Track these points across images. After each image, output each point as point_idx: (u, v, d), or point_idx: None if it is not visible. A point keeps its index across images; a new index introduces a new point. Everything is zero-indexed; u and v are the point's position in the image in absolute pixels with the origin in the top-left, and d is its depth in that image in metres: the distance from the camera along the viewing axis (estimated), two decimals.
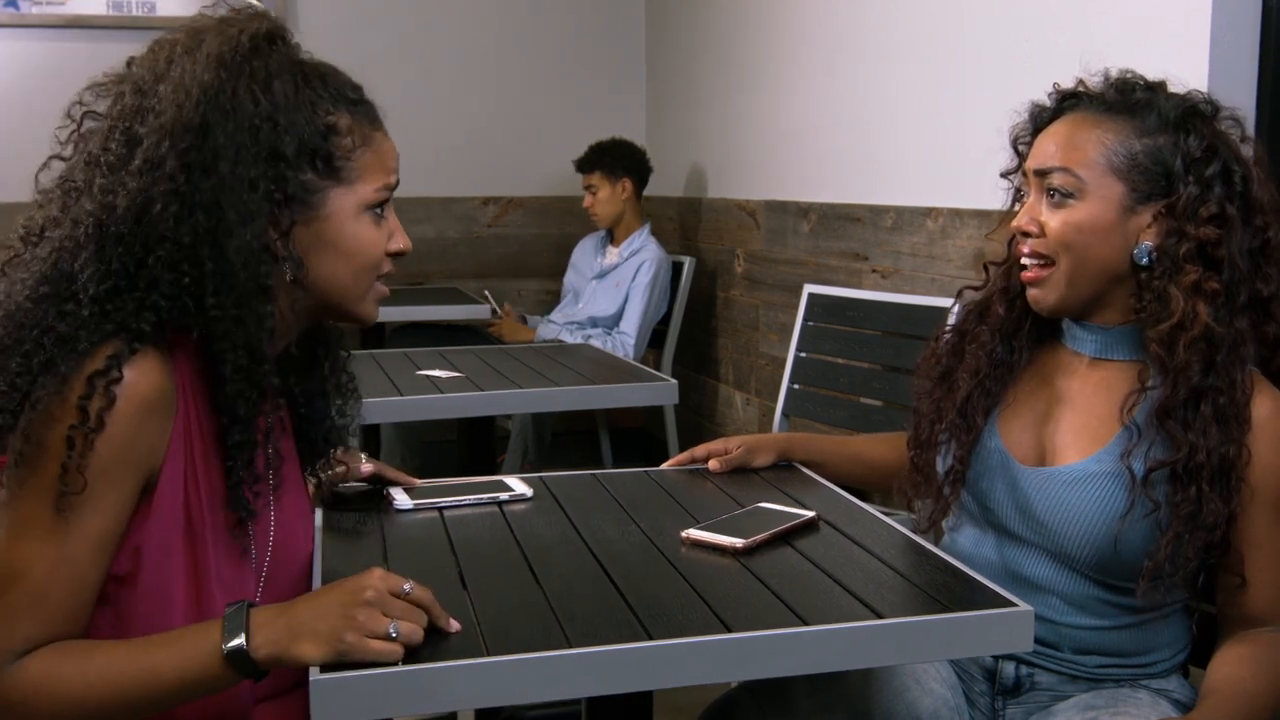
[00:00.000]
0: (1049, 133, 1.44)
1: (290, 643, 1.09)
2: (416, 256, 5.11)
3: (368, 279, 1.31)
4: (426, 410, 2.44)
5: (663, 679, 1.10)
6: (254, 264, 1.18)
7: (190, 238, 1.16)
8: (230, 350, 1.18)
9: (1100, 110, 1.42)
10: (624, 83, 5.03)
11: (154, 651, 1.13)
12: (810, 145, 3.50)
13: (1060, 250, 1.40)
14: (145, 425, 1.15)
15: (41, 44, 4.36)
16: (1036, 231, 1.42)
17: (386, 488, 1.62)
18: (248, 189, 1.17)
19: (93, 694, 1.12)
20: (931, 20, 2.85)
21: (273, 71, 1.21)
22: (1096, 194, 1.38)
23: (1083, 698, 1.44)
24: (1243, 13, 2.02)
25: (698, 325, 4.38)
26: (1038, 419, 1.49)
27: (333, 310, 1.32)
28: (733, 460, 1.65)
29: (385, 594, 1.10)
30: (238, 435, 1.21)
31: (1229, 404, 1.34)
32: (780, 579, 1.28)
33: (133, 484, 1.16)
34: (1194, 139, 1.38)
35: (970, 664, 1.53)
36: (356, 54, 5.03)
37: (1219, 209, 1.36)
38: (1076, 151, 1.39)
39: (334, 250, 1.26)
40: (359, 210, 1.28)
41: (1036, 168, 1.42)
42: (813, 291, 3.10)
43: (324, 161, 1.24)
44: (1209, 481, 1.33)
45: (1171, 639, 1.47)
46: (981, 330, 1.54)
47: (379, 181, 1.29)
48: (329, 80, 1.27)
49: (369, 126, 1.30)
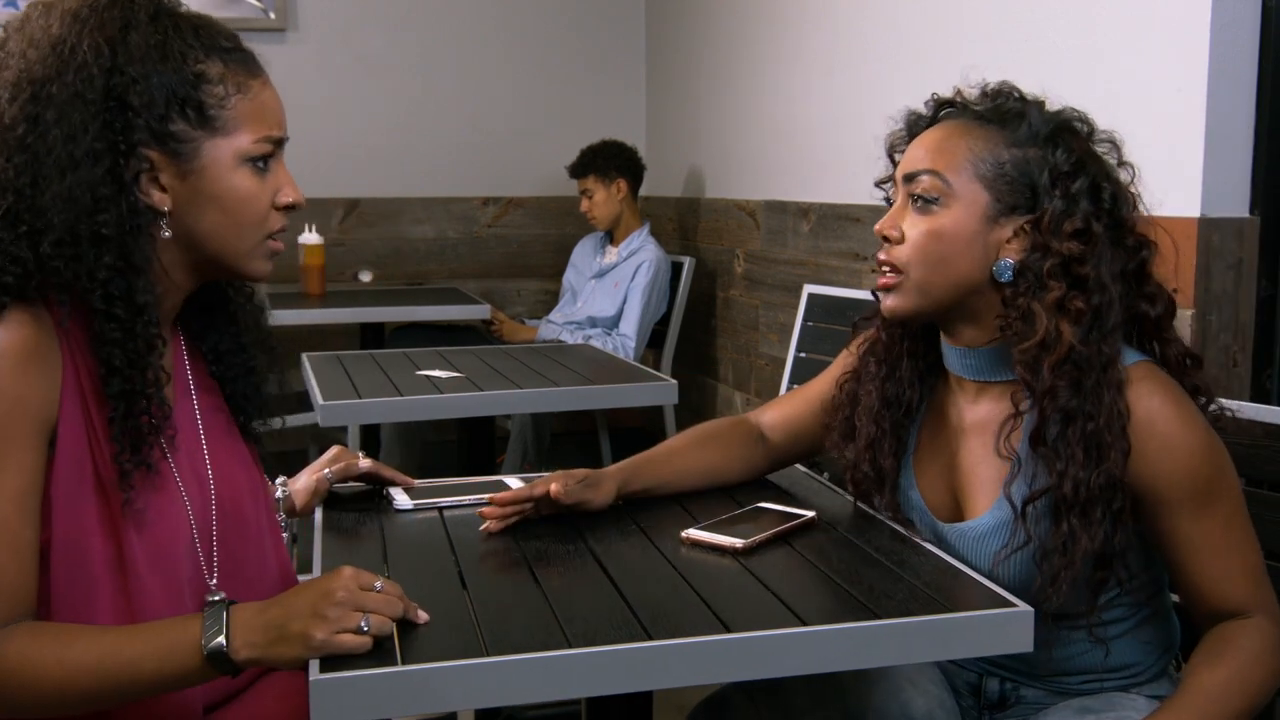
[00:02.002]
0: (921, 139, 1.42)
1: (267, 645, 1.10)
2: (416, 256, 5.13)
3: (253, 235, 1.28)
4: (426, 410, 2.44)
5: (662, 679, 1.10)
6: (80, 212, 1.17)
7: (28, 189, 1.16)
8: (100, 301, 1.18)
9: (972, 119, 1.40)
10: (624, 83, 5.03)
11: (134, 643, 1.13)
12: (810, 145, 3.50)
13: (916, 257, 1.37)
14: (27, 379, 1.15)
15: None
16: (897, 237, 1.39)
17: (386, 488, 1.62)
18: (73, 137, 1.16)
19: (71, 681, 1.12)
20: (931, 20, 2.85)
21: (130, 23, 1.20)
22: (961, 200, 1.36)
23: (1075, 701, 1.43)
24: (1242, 12, 2.02)
25: (697, 325, 4.38)
26: (946, 465, 1.47)
27: (221, 267, 1.30)
28: (573, 492, 1.47)
29: (357, 591, 1.11)
30: (117, 385, 1.19)
31: (1099, 429, 1.29)
32: (780, 579, 1.28)
33: (34, 440, 1.16)
34: (1062, 153, 1.35)
35: (955, 678, 1.52)
36: (356, 54, 5.01)
37: (1084, 224, 1.33)
38: (944, 156, 1.37)
39: (214, 204, 1.25)
40: (236, 161, 1.25)
41: (905, 172, 1.40)
42: (813, 291, 3.10)
43: (195, 110, 1.22)
44: (1078, 513, 1.30)
45: (1153, 645, 1.45)
46: (869, 362, 1.52)
47: (258, 132, 1.26)
48: (201, 31, 1.25)
49: (244, 75, 1.26)
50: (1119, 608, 1.41)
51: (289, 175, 1.31)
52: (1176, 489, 1.31)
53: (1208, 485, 1.32)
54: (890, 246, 1.40)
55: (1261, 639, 1.32)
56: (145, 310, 1.20)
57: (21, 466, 1.14)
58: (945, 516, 1.46)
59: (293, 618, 1.10)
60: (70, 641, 1.13)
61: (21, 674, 1.11)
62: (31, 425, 1.15)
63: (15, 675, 1.11)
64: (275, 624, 1.11)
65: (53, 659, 1.12)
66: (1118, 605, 1.41)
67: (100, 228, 1.17)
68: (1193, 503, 1.32)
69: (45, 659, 1.12)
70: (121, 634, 1.15)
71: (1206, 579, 1.33)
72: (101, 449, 1.20)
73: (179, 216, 1.24)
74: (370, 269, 4.65)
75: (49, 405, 1.17)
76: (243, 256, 1.28)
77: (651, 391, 2.56)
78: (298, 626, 1.09)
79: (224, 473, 1.34)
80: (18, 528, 1.14)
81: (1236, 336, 2.07)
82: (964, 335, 1.42)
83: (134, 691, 1.14)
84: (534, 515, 1.49)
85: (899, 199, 1.42)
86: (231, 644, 1.11)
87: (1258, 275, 2.07)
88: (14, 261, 1.16)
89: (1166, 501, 1.32)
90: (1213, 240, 2.03)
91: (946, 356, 1.46)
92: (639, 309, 4.01)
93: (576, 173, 4.19)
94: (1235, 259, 2.05)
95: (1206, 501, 1.32)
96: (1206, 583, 1.33)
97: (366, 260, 4.71)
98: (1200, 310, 2.04)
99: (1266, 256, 2.07)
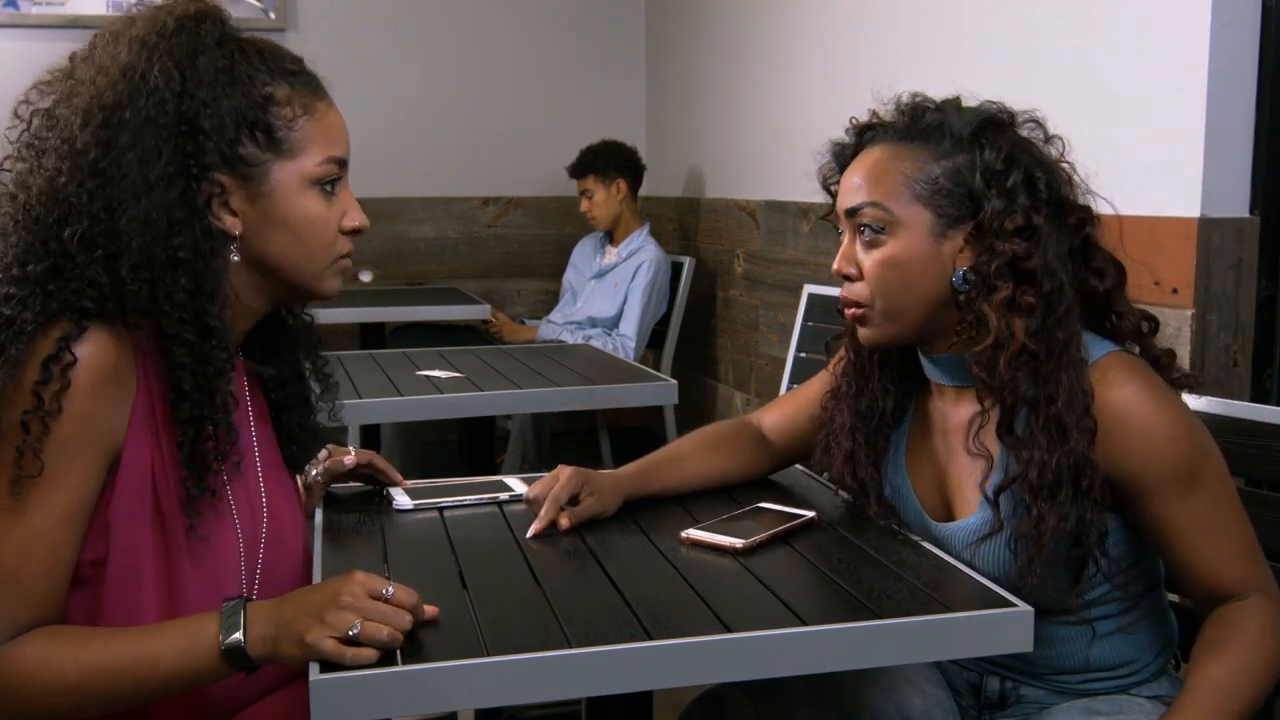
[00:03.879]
0: (852, 170, 1.41)
1: (276, 641, 1.11)
2: (416, 256, 5.14)
3: (322, 258, 1.29)
4: (426, 410, 2.44)
5: (662, 679, 1.10)
6: (157, 235, 1.17)
7: (103, 213, 1.16)
8: (173, 324, 1.18)
9: (895, 140, 1.40)
10: (624, 83, 5.03)
11: (152, 642, 1.14)
12: (810, 145, 3.48)
13: (877, 289, 1.38)
14: (100, 400, 1.16)
15: (41, 44, 4.36)
16: (855, 274, 1.40)
17: (386, 488, 1.62)
18: (148, 162, 1.17)
19: (88, 681, 1.12)
20: (932, 21, 2.85)
21: (198, 48, 1.21)
22: (905, 225, 1.36)
23: (1081, 702, 1.43)
24: (1242, 12, 2.02)
25: (697, 325, 4.38)
26: (936, 467, 1.47)
27: (292, 288, 1.31)
28: (582, 513, 1.47)
29: (363, 597, 1.10)
30: (186, 410, 1.20)
31: (1059, 411, 1.30)
32: (780, 579, 1.28)
33: (96, 460, 1.16)
34: (990, 152, 1.35)
35: (955, 678, 1.52)
36: (356, 54, 5.01)
37: (1025, 220, 1.33)
38: (880, 185, 1.37)
39: (283, 227, 1.26)
40: (304, 184, 1.26)
41: (847, 207, 1.40)
42: (813, 292, 3.10)
43: (264, 133, 1.23)
44: (1045, 496, 1.30)
45: (1150, 642, 1.45)
46: (843, 382, 1.53)
47: (323, 153, 1.27)
48: (266, 54, 1.26)
49: (311, 96, 1.27)
50: (1109, 603, 1.41)
51: (354, 199, 1.32)
52: (1159, 475, 1.31)
53: (1190, 469, 1.31)
54: (849, 284, 1.41)
55: (1263, 619, 1.31)
56: (215, 334, 1.21)
57: (77, 486, 1.15)
58: (939, 517, 1.46)
59: (298, 616, 1.11)
60: (87, 643, 1.14)
61: (40, 676, 1.12)
62: (93, 446, 1.16)
63: (34, 678, 1.12)
64: (284, 621, 1.12)
65: (70, 660, 1.13)
66: (1108, 601, 1.40)
67: (176, 251, 1.18)
68: (1177, 487, 1.31)
69: (62, 661, 1.12)
70: (139, 633, 1.15)
71: (1199, 562, 1.33)
72: (166, 477, 1.21)
73: (249, 240, 1.25)
74: (370, 269, 4.65)
75: (116, 430, 1.18)
76: (313, 278, 1.30)
77: (651, 391, 2.56)
78: (300, 626, 1.10)
79: (274, 500, 1.35)
80: (60, 543, 1.15)
81: (1236, 336, 2.07)
82: (936, 345, 1.43)
83: (152, 690, 1.15)
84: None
85: (846, 233, 1.42)
86: (248, 639, 1.12)
87: (1258, 275, 2.07)
88: (91, 285, 1.16)
89: (1150, 488, 1.32)
90: (1213, 240, 2.03)
91: (924, 364, 1.47)
92: (639, 309, 4.01)
93: (576, 173, 4.19)
94: (1235, 259, 2.05)
95: (1191, 485, 1.31)
96: (1200, 565, 1.33)
97: (366, 260, 4.71)
98: (1200, 310, 2.04)
99: (1266, 256, 2.07)
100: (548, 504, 1.45)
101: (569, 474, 1.48)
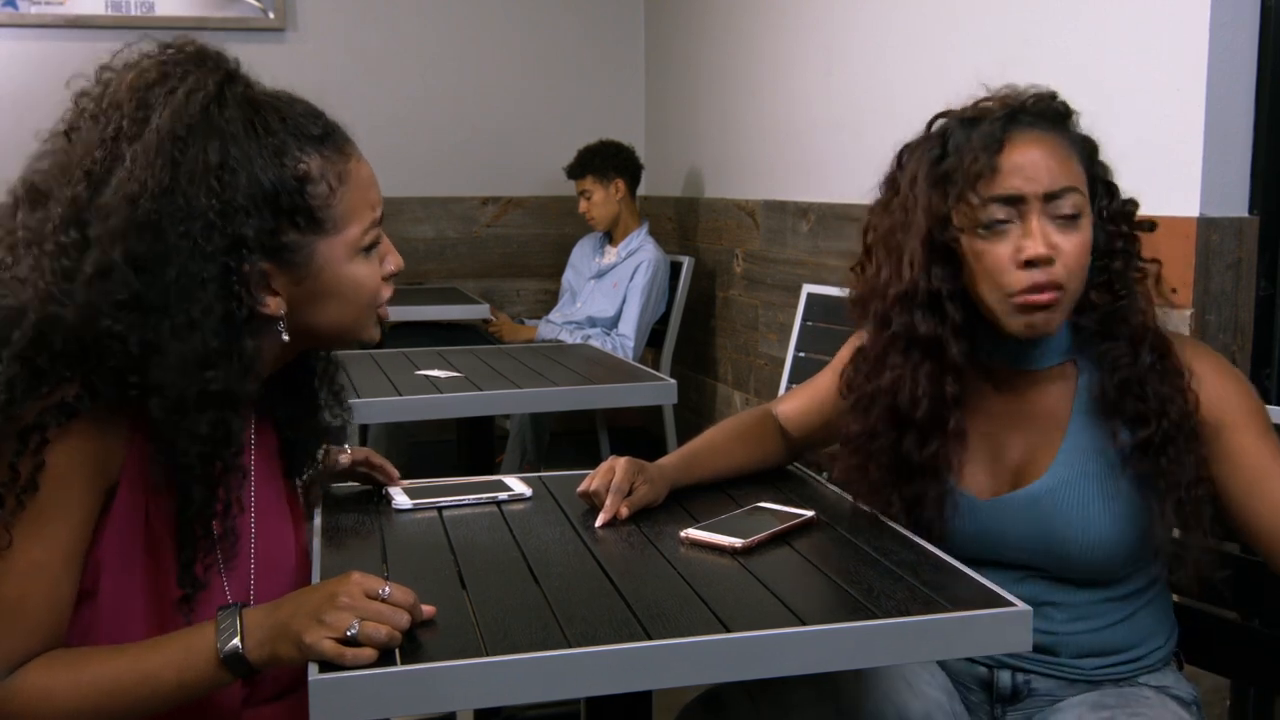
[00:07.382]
0: (1028, 153, 1.38)
1: (274, 643, 1.11)
2: (416, 256, 5.13)
3: (369, 312, 1.29)
4: (426, 410, 2.44)
5: (662, 679, 1.10)
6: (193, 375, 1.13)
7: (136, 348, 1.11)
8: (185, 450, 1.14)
9: (1048, 127, 1.41)
10: (624, 83, 5.03)
11: (150, 657, 1.13)
12: (810, 145, 3.50)
13: (1076, 273, 1.38)
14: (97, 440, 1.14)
15: (41, 44, 4.36)
16: (1059, 257, 1.37)
17: (385, 488, 1.62)
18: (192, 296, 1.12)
19: (89, 702, 1.12)
20: (929, 20, 2.85)
21: (228, 136, 1.14)
22: (1087, 211, 1.39)
23: (1090, 696, 1.44)
24: (1242, 12, 2.02)
25: (697, 325, 4.38)
26: (986, 450, 1.48)
27: (336, 344, 1.32)
28: (638, 501, 1.49)
29: (360, 597, 1.10)
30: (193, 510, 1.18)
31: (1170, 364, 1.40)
32: (779, 579, 1.28)
33: (94, 494, 1.15)
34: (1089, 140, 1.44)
35: (964, 673, 1.52)
36: (356, 54, 5.02)
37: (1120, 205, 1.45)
38: (1071, 171, 1.38)
39: (332, 298, 1.24)
40: (350, 254, 1.24)
41: (1046, 191, 1.37)
42: (812, 291, 3.10)
43: (305, 217, 1.19)
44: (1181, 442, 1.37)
45: (1157, 628, 1.48)
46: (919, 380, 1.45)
47: (365, 220, 1.25)
48: (288, 119, 1.20)
49: (340, 160, 1.23)
50: (1140, 576, 1.46)
51: (389, 243, 1.30)
52: (1238, 410, 1.39)
53: (1259, 406, 1.41)
54: (1048, 268, 1.37)
55: None
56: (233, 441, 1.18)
57: (75, 516, 1.14)
58: (987, 495, 1.47)
59: (296, 617, 1.10)
60: (84, 665, 1.14)
61: (40, 704, 1.12)
62: (91, 476, 1.15)
63: (34, 705, 1.12)
64: (282, 622, 1.11)
65: (68, 683, 1.12)
66: (1140, 575, 1.46)
67: (209, 385, 1.13)
68: (1255, 420, 1.39)
69: (60, 685, 1.12)
70: (136, 650, 1.15)
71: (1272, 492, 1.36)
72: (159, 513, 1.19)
73: (295, 315, 1.22)
74: None
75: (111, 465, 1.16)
76: (358, 332, 1.30)
77: (651, 391, 2.56)
78: (296, 626, 1.09)
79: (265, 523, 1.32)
80: (59, 576, 1.14)
81: (1236, 336, 2.07)
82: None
83: (154, 705, 1.14)
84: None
85: (1033, 217, 1.37)
86: (246, 644, 1.11)
87: (1257, 275, 2.07)
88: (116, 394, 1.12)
89: (1232, 424, 1.38)
90: (1212, 240, 2.03)
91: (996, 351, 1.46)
92: (638, 309, 4.01)
93: (574, 174, 4.20)
94: (1234, 259, 2.05)
95: (1263, 421, 1.40)
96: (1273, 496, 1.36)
97: None
98: (1199, 310, 2.04)
99: (1266, 256, 2.07)
100: (612, 494, 1.47)
101: (625, 464, 1.51)
